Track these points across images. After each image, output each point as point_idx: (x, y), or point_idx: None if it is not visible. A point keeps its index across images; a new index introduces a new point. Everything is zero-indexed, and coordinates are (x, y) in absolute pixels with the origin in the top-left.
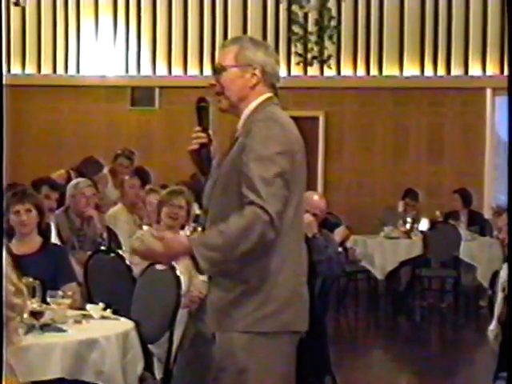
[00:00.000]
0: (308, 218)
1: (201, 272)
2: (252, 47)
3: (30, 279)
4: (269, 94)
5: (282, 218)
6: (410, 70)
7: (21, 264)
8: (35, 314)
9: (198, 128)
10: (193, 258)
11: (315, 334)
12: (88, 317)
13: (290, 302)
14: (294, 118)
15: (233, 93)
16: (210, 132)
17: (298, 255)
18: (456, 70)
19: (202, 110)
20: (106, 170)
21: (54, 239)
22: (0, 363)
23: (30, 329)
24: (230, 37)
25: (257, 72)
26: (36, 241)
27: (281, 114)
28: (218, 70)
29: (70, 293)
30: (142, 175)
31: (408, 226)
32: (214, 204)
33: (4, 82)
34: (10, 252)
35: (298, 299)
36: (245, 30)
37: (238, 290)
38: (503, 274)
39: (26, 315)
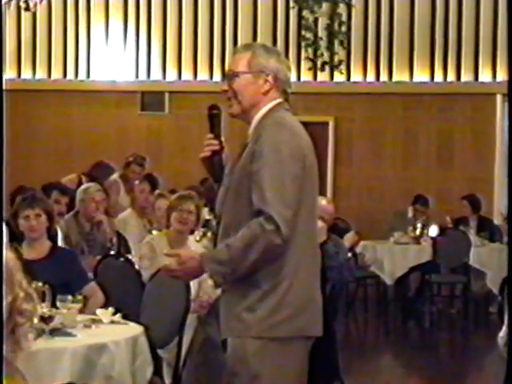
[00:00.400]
0: (319, 223)
1: (217, 286)
2: (265, 54)
3: (40, 284)
4: (279, 100)
5: (295, 223)
6: (420, 75)
7: (31, 269)
8: (45, 319)
9: (210, 135)
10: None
11: (324, 339)
12: (97, 321)
13: (304, 307)
14: (304, 123)
15: (245, 98)
16: (222, 139)
17: (311, 260)
18: (466, 76)
19: (214, 118)
20: (117, 176)
21: (61, 243)
22: (0, 363)
23: (40, 333)
24: (239, 42)
25: (269, 78)
26: (45, 246)
27: (290, 119)
28: (230, 76)
29: (80, 297)
30: (152, 180)
31: (418, 231)
32: (227, 211)
33: (4, 86)
34: (20, 257)
35: (312, 304)
36: (255, 35)
37: (252, 295)
38: None
39: (35, 320)
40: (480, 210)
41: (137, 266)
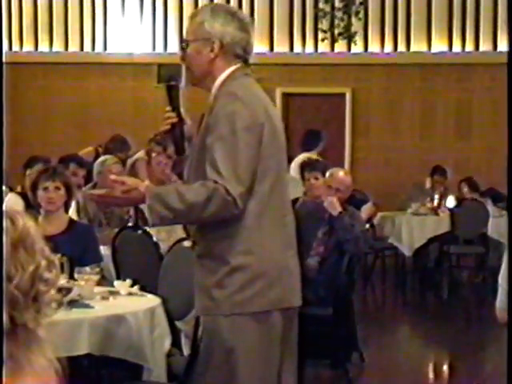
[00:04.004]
0: (332, 197)
1: (151, 224)
2: (210, 19)
3: (58, 256)
4: (235, 66)
5: (260, 194)
6: (438, 45)
7: (48, 244)
8: (62, 291)
9: (168, 108)
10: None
11: (342, 312)
12: (115, 293)
13: (277, 278)
14: (321, 95)
15: (195, 68)
16: (182, 111)
17: (281, 230)
18: (484, 46)
19: (171, 89)
20: (143, 153)
21: (73, 216)
22: (0, 361)
23: (58, 305)
24: (256, 13)
25: (215, 45)
26: (63, 220)
27: (245, 87)
28: (183, 45)
29: (97, 269)
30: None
31: (435, 202)
32: (190, 183)
33: (4, 59)
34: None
35: (287, 274)
36: (271, 7)
37: (221, 271)
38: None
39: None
40: (478, 191)
41: (154, 238)
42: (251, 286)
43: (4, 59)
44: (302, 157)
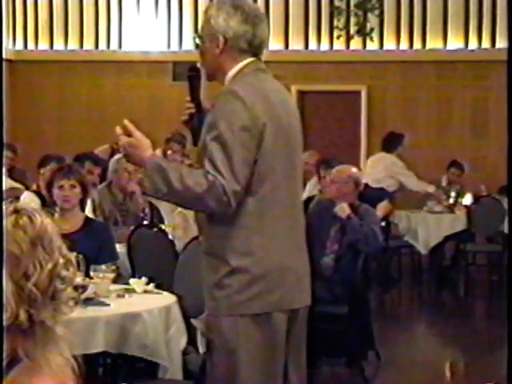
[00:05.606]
0: (340, 204)
1: (143, 192)
2: (215, 14)
3: (74, 254)
4: (245, 62)
5: (254, 197)
6: (454, 42)
7: (65, 242)
8: (78, 288)
9: (187, 98)
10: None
11: (358, 310)
12: (131, 291)
13: (279, 280)
14: (336, 92)
15: (205, 63)
16: (202, 101)
17: (286, 231)
18: (501, 43)
19: (192, 80)
20: (159, 152)
21: (89, 214)
22: (0, 360)
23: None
24: (271, 10)
25: (219, 41)
26: (79, 218)
27: (249, 85)
28: (196, 41)
29: (113, 267)
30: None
31: (452, 200)
32: None
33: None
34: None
35: (291, 275)
36: (286, 4)
37: (221, 270)
38: None
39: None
40: None
41: (170, 236)
42: (250, 289)
43: (9, 56)
44: (379, 155)
